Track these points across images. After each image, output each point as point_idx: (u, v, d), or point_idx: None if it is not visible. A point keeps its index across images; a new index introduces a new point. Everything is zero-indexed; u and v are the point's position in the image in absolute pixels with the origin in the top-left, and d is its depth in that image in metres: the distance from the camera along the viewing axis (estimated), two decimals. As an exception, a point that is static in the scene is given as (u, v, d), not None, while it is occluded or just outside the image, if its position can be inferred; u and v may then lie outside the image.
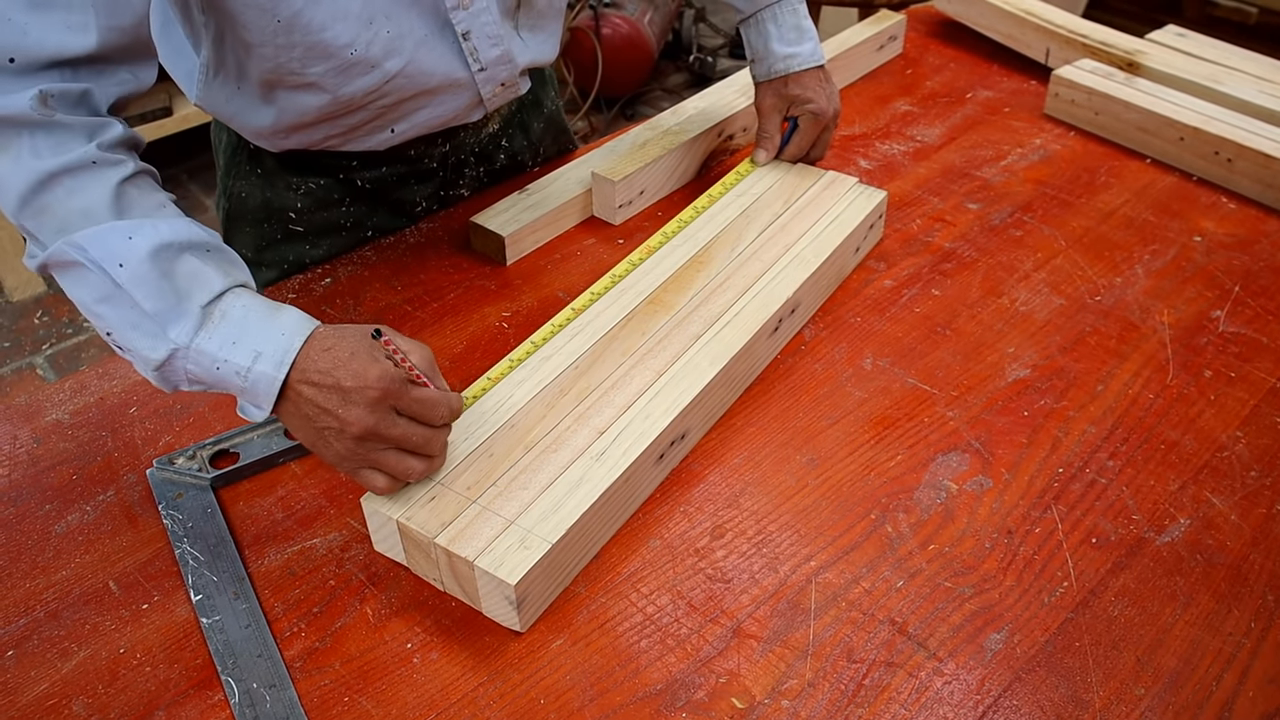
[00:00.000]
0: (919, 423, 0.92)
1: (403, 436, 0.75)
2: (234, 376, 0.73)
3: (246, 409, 0.76)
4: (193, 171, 3.15)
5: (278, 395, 0.73)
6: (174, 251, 0.73)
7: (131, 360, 0.76)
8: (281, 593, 0.78)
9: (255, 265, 1.16)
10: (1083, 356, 0.99)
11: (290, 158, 1.09)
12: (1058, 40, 1.46)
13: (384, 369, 0.73)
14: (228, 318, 0.74)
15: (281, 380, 0.73)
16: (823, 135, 1.19)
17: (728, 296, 0.98)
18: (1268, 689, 0.71)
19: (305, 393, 0.73)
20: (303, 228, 1.14)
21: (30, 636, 0.76)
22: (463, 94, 1.03)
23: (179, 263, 0.73)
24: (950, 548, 0.81)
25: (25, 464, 0.89)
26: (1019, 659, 0.73)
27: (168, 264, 0.73)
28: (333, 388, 0.73)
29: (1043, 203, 1.22)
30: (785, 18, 1.17)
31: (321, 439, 0.75)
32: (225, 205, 1.15)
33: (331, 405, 0.73)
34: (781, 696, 0.71)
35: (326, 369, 0.73)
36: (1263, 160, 1.19)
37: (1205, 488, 0.86)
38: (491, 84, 1.04)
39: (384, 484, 0.76)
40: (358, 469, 0.76)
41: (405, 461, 0.76)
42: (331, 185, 1.12)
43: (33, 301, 2.67)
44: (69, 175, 0.73)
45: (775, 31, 1.16)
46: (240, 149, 1.10)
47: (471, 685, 0.72)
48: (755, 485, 0.87)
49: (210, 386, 0.75)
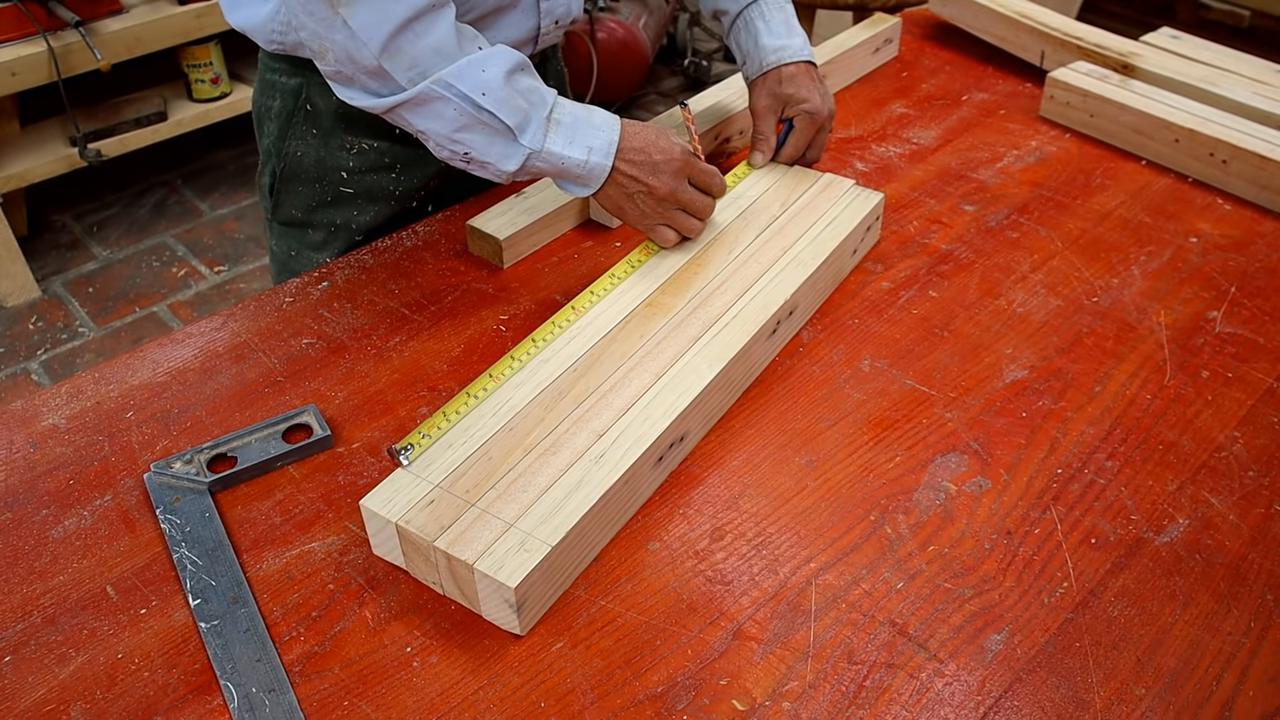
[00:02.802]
0: (917, 424, 0.92)
1: (690, 200, 1.01)
2: (575, 168, 0.95)
3: (569, 186, 0.99)
4: (187, 177, 3.15)
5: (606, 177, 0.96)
6: (514, 73, 0.92)
7: (485, 171, 0.95)
8: (280, 597, 0.78)
9: (304, 226, 1.21)
10: (1080, 357, 0.99)
11: (347, 116, 1.13)
12: (1053, 43, 1.47)
13: (682, 146, 0.99)
14: (561, 124, 0.94)
15: (610, 166, 0.96)
16: (818, 136, 1.19)
17: (726, 299, 0.98)
18: (1267, 688, 0.71)
19: (624, 169, 0.97)
20: (353, 190, 1.17)
21: (27, 642, 0.75)
22: (527, 20, 1.09)
23: (518, 81, 0.92)
24: (950, 549, 0.81)
25: (22, 469, 0.89)
26: (1019, 660, 0.73)
27: (513, 85, 0.91)
28: (645, 162, 0.97)
29: (1039, 204, 1.22)
30: (773, 13, 1.18)
31: (631, 202, 0.99)
32: (278, 167, 1.18)
33: (644, 175, 0.97)
34: (782, 698, 0.71)
35: (640, 147, 0.97)
36: (1258, 162, 1.19)
37: (1204, 488, 0.86)
38: (550, 17, 1.10)
39: (672, 237, 1.02)
40: (655, 225, 1.01)
41: (690, 221, 1.02)
42: (384, 149, 1.16)
43: (27, 307, 2.67)
44: (417, 20, 0.87)
45: (764, 27, 1.17)
46: (298, 110, 1.14)
47: (472, 689, 0.72)
48: (754, 487, 0.87)
49: (548, 174, 0.97)
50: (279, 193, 1.20)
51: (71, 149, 2.70)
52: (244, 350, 1.01)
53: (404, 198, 1.20)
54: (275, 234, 1.25)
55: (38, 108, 2.76)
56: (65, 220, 3.00)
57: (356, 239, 1.21)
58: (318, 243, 1.21)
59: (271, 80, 1.15)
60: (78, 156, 2.68)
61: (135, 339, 2.57)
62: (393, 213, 1.21)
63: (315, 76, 1.10)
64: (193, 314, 2.65)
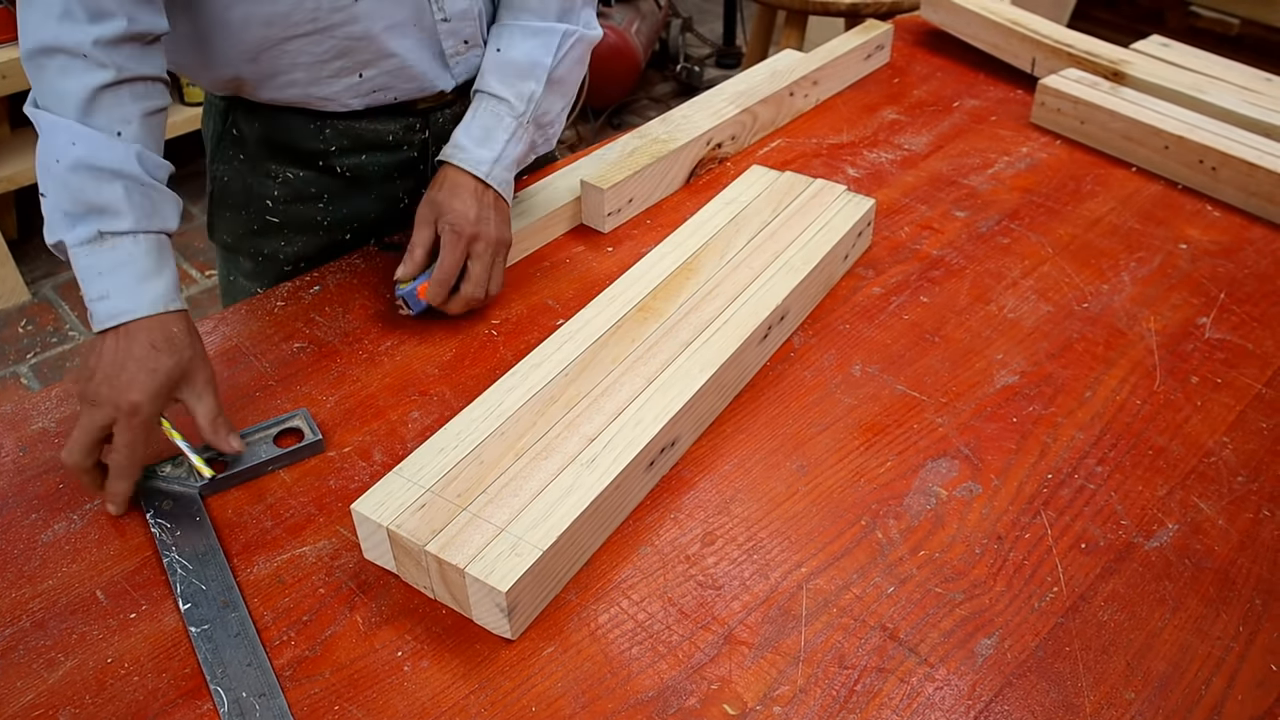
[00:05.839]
0: (908, 429, 0.92)
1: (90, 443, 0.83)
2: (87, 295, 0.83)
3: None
4: (178, 181, 3.13)
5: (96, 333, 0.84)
6: (104, 175, 0.82)
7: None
8: (270, 601, 0.78)
9: (234, 252, 1.18)
10: (1070, 363, 1.00)
11: (271, 143, 1.09)
12: (1043, 50, 1.48)
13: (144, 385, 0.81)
14: (115, 251, 0.83)
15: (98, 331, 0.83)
16: (473, 262, 1.00)
17: (717, 304, 0.98)
18: (1256, 692, 0.71)
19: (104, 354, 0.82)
20: (279, 219, 1.14)
21: (16, 647, 0.75)
22: (427, 45, 1.04)
23: (104, 186, 0.82)
24: (940, 554, 0.81)
25: (11, 473, 0.89)
26: (1010, 664, 0.73)
27: (92, 182, 0.82)
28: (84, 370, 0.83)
29: (1030, 210, 1.22)
30: (483, 114, 1.04)
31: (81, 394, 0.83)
32: (210, 189, 1.16)
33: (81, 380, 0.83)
34: (773, 703, 0.71)
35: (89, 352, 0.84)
36: (1246, 168, 1.20)
37: (1193, 493, 0.86)
38: (454, 39, 1.05)
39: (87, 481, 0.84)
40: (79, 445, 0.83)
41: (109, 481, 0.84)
42: (310, 178, 1.12)
43: (16, 311, 2.66)
44: (64, 55, 0.82)
45: (469, 119, 1.04)
46: (225, 133, 1.11)
47: (462, 693, 0.72)
48: (745, 492, 0.87)
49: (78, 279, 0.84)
50: (213, 215, 1.18)
51: (62, 152, 2.68)
52: (235, 354, 1.01)
53: (334, 229, 1.15)
54: (218, 256, 1.24)
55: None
56: (56, 223, 2.98)
57: (285, 269, 1.16)
58: (250, 271, 1.18)
59: (209, 99, 1.13)
60: (68, 160, 2.67)
61: (126, 343, 2.56)
62: (323, 244, 1.16)
63: (242, 100, 1.07)
64: (183, 318, 2.63)
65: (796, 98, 1.41)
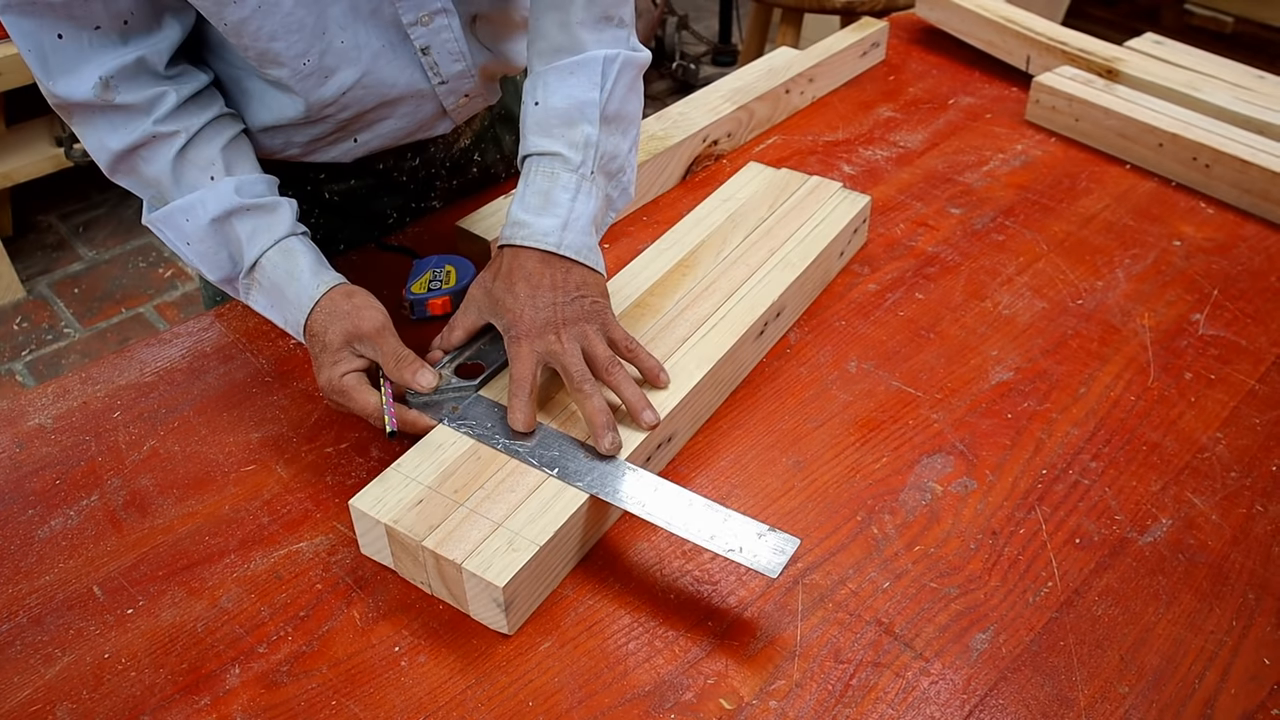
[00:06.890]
0: (903, 425, 0.93)
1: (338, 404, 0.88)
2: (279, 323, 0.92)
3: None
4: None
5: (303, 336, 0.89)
6: (226, 220, 0.89)
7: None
8: (268, 596, 0.78)
9: None
10: (1065, 359, 1.00)
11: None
12: (1038, 47, 1.48)
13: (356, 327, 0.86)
14: (261, 286, 0.91)
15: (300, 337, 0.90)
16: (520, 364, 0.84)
17: (714, 300, 0.98)
18: (1249, 686, 0.72)
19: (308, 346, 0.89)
20: None
21: (13, 642, 0.75)
22: (425, 105, 1.03)
23: (227, 230, 0.89)
24: (935, 549, 0.81)
25: (7, 469, 0.89)
26: (1004, 658, 0.74)
27: (222, 234, 0.89)
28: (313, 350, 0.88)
29: (1024, 207, 1.23)
30: (536, 178, 0.89)
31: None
32: None
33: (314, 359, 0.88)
34: (769, 697, 0.71)
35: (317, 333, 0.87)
36: (1239, 166, 1.20)
37: (1186, 488, 0.87)
38: (455, 95, 1.04)
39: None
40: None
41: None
42: (299, 198, 1.10)
43: (11, 308, 2.65)
44: (137, 150, 0.88)
45: (521, 190, 0.90)
46: None
47: (460, 688, 0.72)
48: (742, 487, 0.87)
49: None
50: None
51: (57, 149, 2.68)
52: (232, 350, 1.01)
53: (324, 244, 1.09)
54: None
55: (23, 107, 2.75)
56: (51, 220, 2.98)
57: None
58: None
59: None
60: (64, 157, 2.67)
61: (121, 340, 2.56)
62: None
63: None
64: (179, 315, 2.64)
65: (792, 95, 1.41)
